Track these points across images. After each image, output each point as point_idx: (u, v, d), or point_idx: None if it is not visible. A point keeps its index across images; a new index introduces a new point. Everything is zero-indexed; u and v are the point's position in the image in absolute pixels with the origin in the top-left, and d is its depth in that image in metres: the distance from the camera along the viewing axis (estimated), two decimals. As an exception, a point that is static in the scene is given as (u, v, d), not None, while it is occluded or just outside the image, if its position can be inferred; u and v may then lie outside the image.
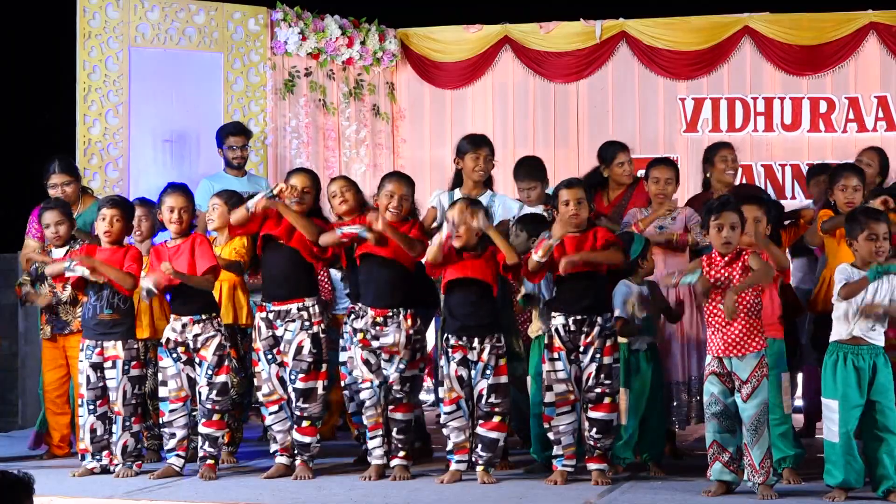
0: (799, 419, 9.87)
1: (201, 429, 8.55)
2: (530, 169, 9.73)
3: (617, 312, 8.40)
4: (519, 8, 12.81)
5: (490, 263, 8.32)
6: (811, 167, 10.86)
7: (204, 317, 8.57)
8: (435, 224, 9.16)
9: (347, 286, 9.22)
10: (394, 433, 8.46)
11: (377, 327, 8.46)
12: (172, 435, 8.60)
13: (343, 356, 8.78)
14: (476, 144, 9.42)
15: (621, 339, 8.41)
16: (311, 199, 8.64)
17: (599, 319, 8.22)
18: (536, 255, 8.12)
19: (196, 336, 8.56)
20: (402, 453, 8.45)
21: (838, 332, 7.75)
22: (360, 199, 8.89)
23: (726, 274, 7.74)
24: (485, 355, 8.31)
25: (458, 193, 9.02)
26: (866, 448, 7.68)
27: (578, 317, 8.22)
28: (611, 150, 9.94)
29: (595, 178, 9.81)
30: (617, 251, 8.24)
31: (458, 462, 8.33)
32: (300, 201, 8.55)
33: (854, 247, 7.76)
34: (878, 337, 7.67)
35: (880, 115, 12.10)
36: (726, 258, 7.76)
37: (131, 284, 8.61)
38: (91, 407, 8.63)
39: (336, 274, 9.88)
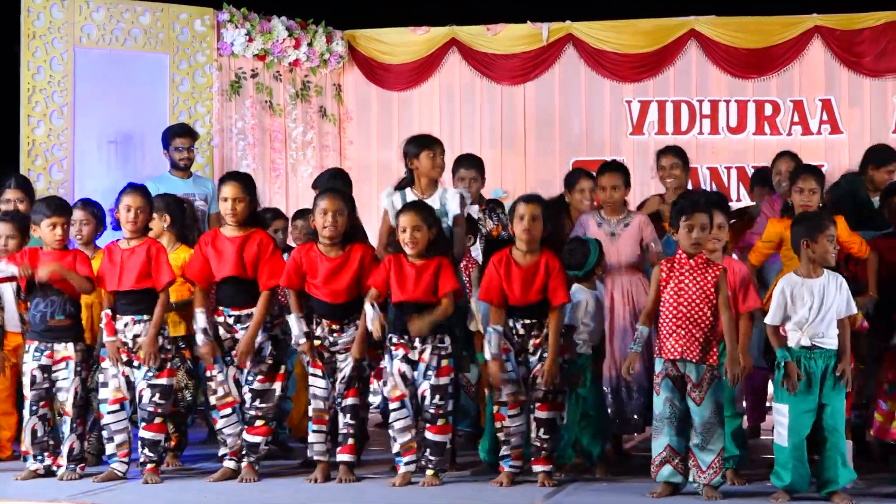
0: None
1: (142, 433, 8.45)
2: (472, 160, 9.79)
3: (566, 319, 8.40)
4: (466, 10, 12.82)
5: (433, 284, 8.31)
6: (755, 172, 10.95)
7: (146, 318, 8.44)
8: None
9: None
10: (340, 433, 8.44)
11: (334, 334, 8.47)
12: (111, 439, 8.49)
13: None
14: (431, 142, 9.38)
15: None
16: (243, 208, 8.49)
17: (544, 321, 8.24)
18: (486, 351, 8.16)
19: (136, 337, 8.42)
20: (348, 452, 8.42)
21: (790, 339, 7.80)
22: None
23: (689, 279, 7.77)
24: (426, 356, 8.28)
25: (409, 193, 8.96)
26: (814, 449, 7.74)
27: (527, 320, 8.23)
28: (574, 176, 9.96)
29: (559, 203, 9.79)
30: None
31: (406, 464, 8.30)
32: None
33: (808, 250, 7.77)
34: (829, 341, 7.72)
35: (824, 118, 12.19)
36: (692, 261, 7.79)
37: (89, 289, 8.55)
38: (34, 408, 8.55)
39: None
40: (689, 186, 11.47)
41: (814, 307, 7.67)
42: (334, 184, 9.27)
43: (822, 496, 7.69)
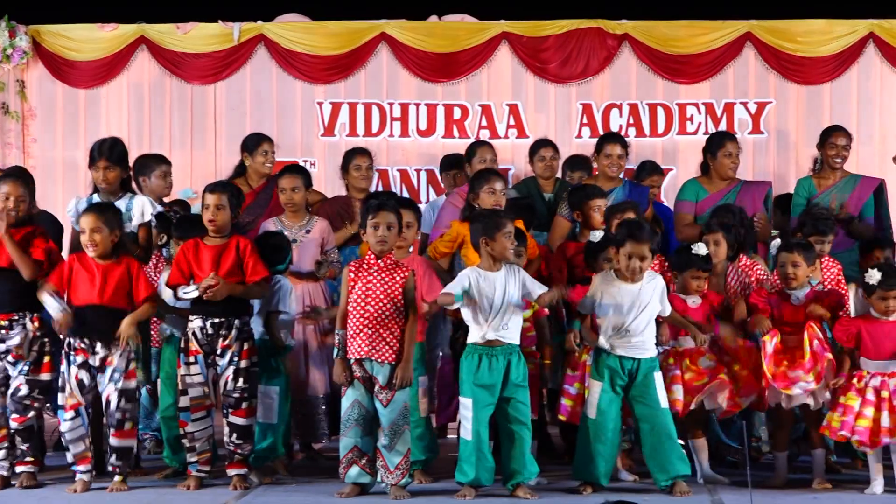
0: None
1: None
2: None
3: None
4: (156, 8, 12.60)
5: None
6: (443, 159, 11.13)
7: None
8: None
9: None
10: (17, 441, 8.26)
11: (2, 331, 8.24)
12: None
13: None
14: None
15: None
16: None
17: (237, 322, 8.18)
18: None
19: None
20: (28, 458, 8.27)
21: (473, 335, 7.95)
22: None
23: (377, 280, 7.89)
24: (115, 359, 8.13)
25: (95, 197, 8.80)
26: (500, 443, 7.89)
27: (216, 319, 8.15)
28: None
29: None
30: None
31: (82, 473, 8.17)
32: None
33: (487, 248, 7.94)
34: (511, 335, 7.90)
35: (511, 122, 12.42)
36: (380, 262, 7.88)
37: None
38: None
39: None
40: (381, 188, 11.66)
41: (496, 299, 7.85)
42: None
43: (507, 489, 7.87)
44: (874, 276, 8.17)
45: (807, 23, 12.35)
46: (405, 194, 11.92)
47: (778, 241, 9.12)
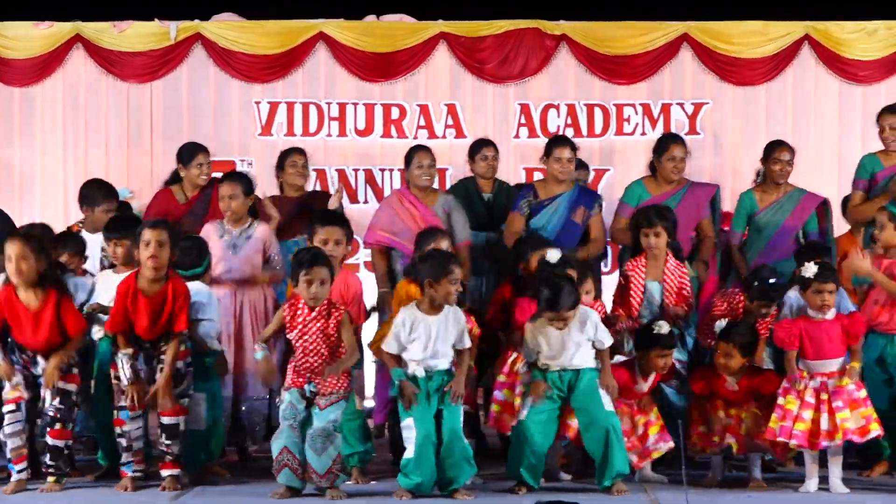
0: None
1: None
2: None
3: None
4: (92, 6, 12.49)
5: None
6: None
7: None
8: None
9: None
10: None
11: None
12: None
13: None
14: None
15: None
16: None
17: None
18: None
19: None
20: None
21: (411, 367, 7.99)
22: None
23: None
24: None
25: None
26: (442, 450, 7.89)
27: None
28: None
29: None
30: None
31: (18, 472, 8.12)
32: None
33: (431, 290, 8.00)
34: (443, 364, 7.97)
35: (449, 122, 12.42)
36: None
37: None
38: None
39: None
40: (318, 187, 11.62)
41: (429, 345, 7.91)
42: None
43: (444, 494, 7.88)
44: (810, 269, 8.22)
45: (743, 24, 12.45)
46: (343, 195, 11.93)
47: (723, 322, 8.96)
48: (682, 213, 9.51)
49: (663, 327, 8.46)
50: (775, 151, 9.97)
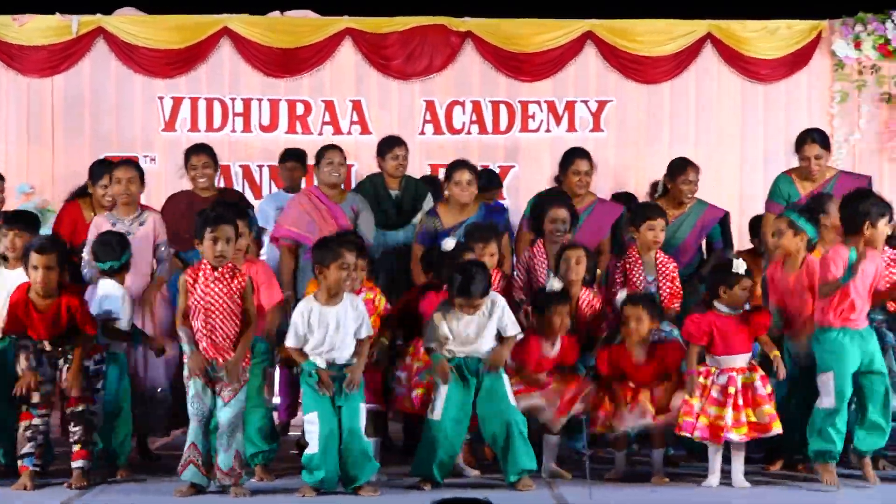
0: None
1: None
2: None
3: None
4: (-9, -1, 12.35)
5: None
6: (282, 153, 11.00)
7: None
8: None
9: None
10: None
11: None
12: None
13: None
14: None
15: None
16: None
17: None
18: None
19: None
20: None
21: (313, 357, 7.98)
22: None
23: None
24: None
25: None
26: (342, 449, 7.87)
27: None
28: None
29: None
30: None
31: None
32: None
33: (321, 277, 8.01)
34: (343, 356, 7.97)
35: (355, 118, 12.40)
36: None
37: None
38: None
39: None
40: (223, 184, 11.55)
41: (328, 336, 7.89)
42: None
43: (348, 491, 7.87)
44: (740, 265, 8.28)
45: (647, 23, 12.53)
46: (247, 191, 11.87)
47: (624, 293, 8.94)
48: (587, 229, 9.60)
49: (555, 284, 8.50)
50: (685, 172, 9.93)
